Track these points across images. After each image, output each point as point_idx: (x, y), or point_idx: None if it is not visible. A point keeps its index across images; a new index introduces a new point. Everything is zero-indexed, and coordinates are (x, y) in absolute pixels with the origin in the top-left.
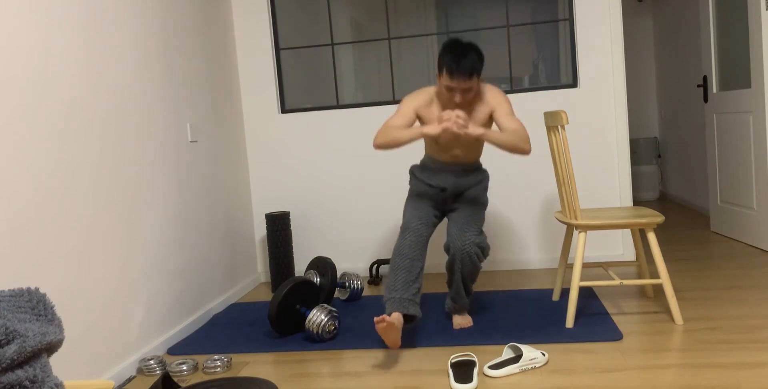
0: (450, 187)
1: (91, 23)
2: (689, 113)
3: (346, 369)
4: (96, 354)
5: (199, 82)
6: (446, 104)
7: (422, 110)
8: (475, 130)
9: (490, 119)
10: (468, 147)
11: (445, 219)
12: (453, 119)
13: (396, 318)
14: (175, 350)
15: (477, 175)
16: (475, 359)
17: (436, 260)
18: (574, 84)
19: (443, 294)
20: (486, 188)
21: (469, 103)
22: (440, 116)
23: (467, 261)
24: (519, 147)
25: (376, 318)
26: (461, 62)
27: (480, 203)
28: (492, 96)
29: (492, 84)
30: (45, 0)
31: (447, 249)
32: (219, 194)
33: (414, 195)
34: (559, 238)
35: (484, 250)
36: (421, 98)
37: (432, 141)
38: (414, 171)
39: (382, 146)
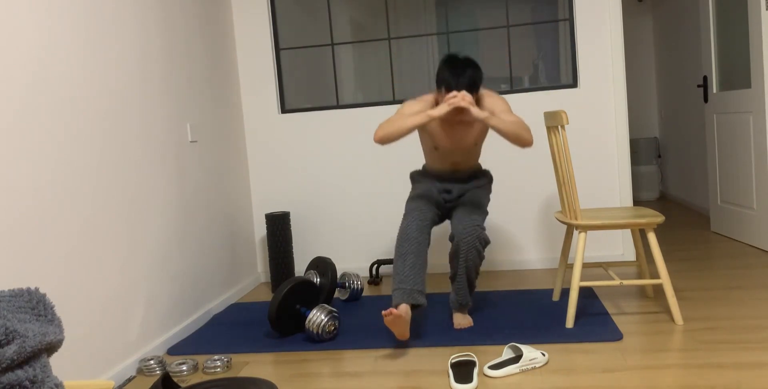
0: (454, 190)
1: (91, 24)
2: (689, 113)
3: (346, 369)
4: (96, 354)
5: (199, 82)
6: (446, 114)
7: None
8: (480, 113)
9: None
10: (466, 154)
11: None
12: (460, 97)
13: (404, 309)
14: (175, 350)
15: (480, 179)
16: (475, 359)
17: (437, 259)
18: (574, 84)
19: (444, 294)
20: (489, 191)
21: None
22: (446, 98)
23: (473, 247)
24: (521, 135)
25: (383, 311)
26: (460, 81)
27: (482, 200)
28: (489, 100)
29: (489, 88)
30: (45, 0)
31: (452, 238)
32: (219, 194)
33: (417, 193)
34: (559, 238)
35: (484, 241)
36: (421, 105)
37: (431, 149)
38: (415, 176)
39: (384, 136)
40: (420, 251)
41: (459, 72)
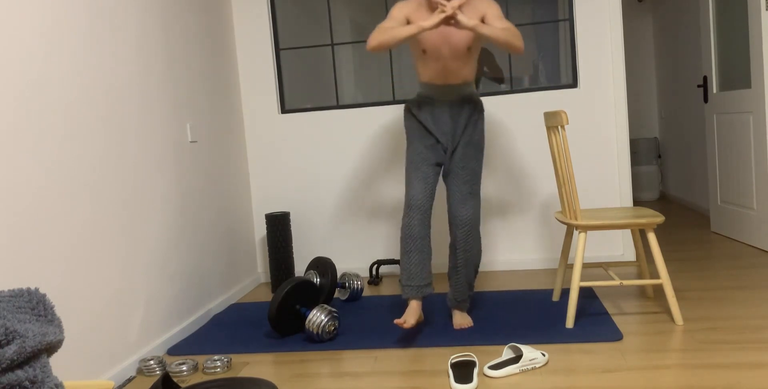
0: (447, 132)
1: (92, 24)
2: (689, 113)
3: (346, 369)
4: (96, 354)
5: (199, 82)
6: (438, 24)
7: (413, 16)
8: (468, 21)
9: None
10: (459, 61)
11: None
12: (449, 6)
13: (415, 305)
14: (175, 350)
15: (473, 108)
16: (475, 359)
17: (436, 259)
18: (574, 84)
19: (443, 294)
20: (483, 130)
21: (459, 9)
22: (436, 3)
23: (472, 237)
24: (512, 42)
25: (397, 321)
26: None
27: (478, 165)
28: (481, 3)
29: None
30: (46, 1)
31: (451, 221)
32: (219, 194)
33: (413, 150)
34: (559, 238)
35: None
36: (410, 5)
37: (421, 54)
38: (410, 108)
39: (377, 46)
40: (423, 246)
41: None
